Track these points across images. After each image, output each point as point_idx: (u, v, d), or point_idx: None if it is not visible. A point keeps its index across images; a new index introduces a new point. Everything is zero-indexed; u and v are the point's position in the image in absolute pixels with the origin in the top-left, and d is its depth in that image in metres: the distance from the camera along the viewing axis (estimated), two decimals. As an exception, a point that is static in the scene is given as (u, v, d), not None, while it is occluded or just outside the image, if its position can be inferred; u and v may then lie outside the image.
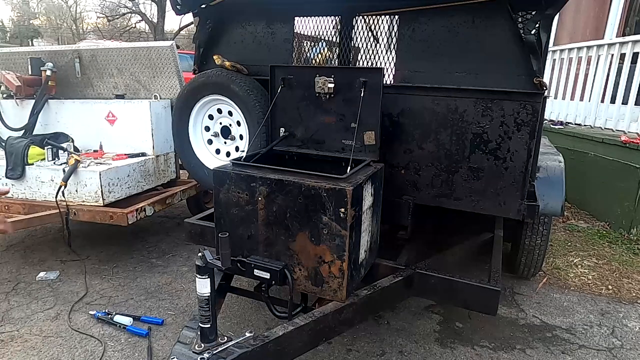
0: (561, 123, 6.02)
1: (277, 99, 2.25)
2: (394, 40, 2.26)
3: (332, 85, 2.09)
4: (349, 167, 1.83)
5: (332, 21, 2.49)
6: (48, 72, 3.70)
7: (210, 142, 2.77)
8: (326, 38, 2.57)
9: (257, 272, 1.80)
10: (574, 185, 4.45)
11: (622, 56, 4.77)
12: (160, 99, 3.73)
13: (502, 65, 2.03)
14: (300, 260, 1.76)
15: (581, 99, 5.62)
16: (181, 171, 3.96)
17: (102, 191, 3.08)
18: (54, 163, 3.28)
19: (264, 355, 1.53)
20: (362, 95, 2.02)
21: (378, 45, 2.40)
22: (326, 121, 2.19)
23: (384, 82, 2.15)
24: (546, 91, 2.02)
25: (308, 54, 2.79)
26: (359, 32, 2.42)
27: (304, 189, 1.66)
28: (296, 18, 2.48)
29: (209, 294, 1.46)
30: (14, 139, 3.38)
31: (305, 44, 2.69)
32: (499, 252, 2.42)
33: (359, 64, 2.54)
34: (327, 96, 2.13)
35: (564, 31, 7.03)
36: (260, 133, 2.34)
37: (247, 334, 1.55)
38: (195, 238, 2.49)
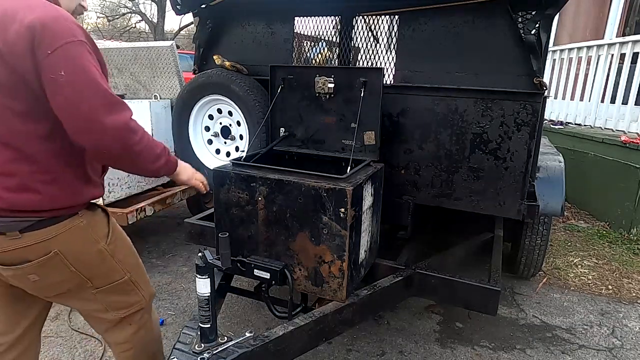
0: (561, 123, 6.02)
1: (277, 99, 2.25)
2: (394, 40, 2.26)
3: (332, 85, 2.09)
4: (349, 167, 1.83)
5: (332, 21, 2.49)
6: (48, 72, 3.69)
7: (210, 142, 2.77)
8: (326, 38, 2.58)
9: (257, 272, 1.80)
10: (574, 185, 4.45)
11: (622, 56, 4.77)
12: (160, 99, 3.72)
13: (502, 65, 2.03)
14: (300, 260, 1.76)
15: (581, 99, 5.62)
16: (181, 171, 3.95)
17: (102, 191, 3.07)
18: (54, 163, 3.27)
19: (264, 355, 1.53)
20: (362, 95, 2.02)
21: (378, 45, 2.40)
22: (326, 121, 2.19)
23: (384, 82, 2.15)
24: (546, 91, 2.02)
25: (308, 54, 2.79)
26: (359, 32, 2.42)
27: (304, 189, 1.66)
28: (296, 18, 2.48)
29: (209, 294, 1.46)
30: (14, 139, 3.37)
31: (305, 44, 2.69)
32: (499, 252, 2.42)
33: (359, 64, 2.54)
34: (327, 96, 2.13)
35: (564, 31, 7.03)
36: (260, 133, 2.34)
37: (247, 334, 1.55)
38: (195, 238, 2.49)
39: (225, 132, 2.70)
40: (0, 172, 1.13)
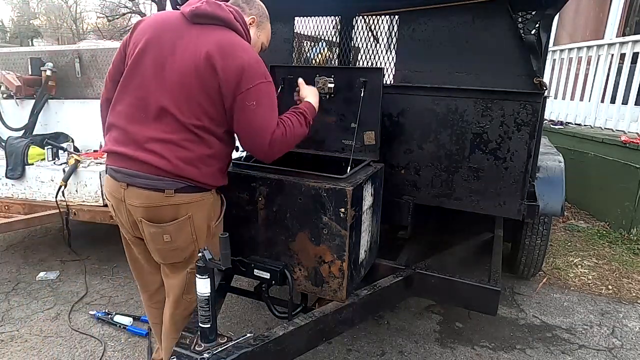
0: (561, 123, 6.02)
1: (277, 98, 2.24)
2: (394, 40, 2.26)
3: (332, 85, 2.09)
4: (349, 167, 1.83)
5: (332, 21, 2.49)
6: (48, 72, 3.70)
7: (210, 142, 2.76)
8: (326, 38, 2.57)
9: (257, 272, 1.80)
10: (574, 185, 4.44)
11: (622, 56, 4.77)
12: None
13: (502, 65, 2.03)
14: (300, 260, 1.76)
15: (581, 99, 5.62)
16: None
17: (102, 191, 3.08)
18: (54, 163, 3.28)
19: (264, 355, 1.53)
20: (362, 95, 2.02)
21: (378, 45, 2.40)
22: (326, 121, 2.19)
23: (384, 82, 2.15)
24: (546, 91, 2.02)
25: (308, 54, 2.79)
26: (359, 32, 2.42)
27: (304, 189, 1.66)
28: (296, 18, 2.48)
29: (209, 294, 1.45)
30: (14, 139, 3.38)
31: (305, 44, 2.69)
32: (499, 252, 2.42)
33: (359, 64, 2.54)
34: (327, 96, 2.13)
35: (564, 31, 7.02)
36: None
37: (247, 334, 1.55)
38: (195, 238, 2.49)
39: (225, 132, 2.69)
40: (179, 145, 1.48)
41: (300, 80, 1.92)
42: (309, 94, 1.86)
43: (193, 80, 1.46)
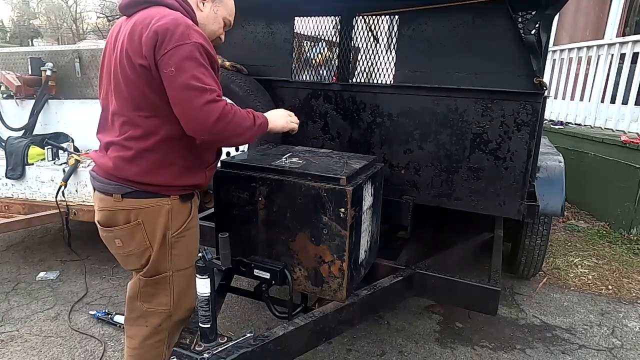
0: (561, 123, 6.02)
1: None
2: (394, 40, 2.26)
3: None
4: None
5: (332, 21, 2.48)
6: (48, 72, 3.70)
7: (210, 142, 2.76)
8: (326, 38, 2.57)
9: (257, 272, 1.80)
10: (574, 185, 4.45)
11: (622, 56, 4.77)
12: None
13: (502, 65, 2.03)
14: (300, 260, 1.76)
15: (581, 99, 5.62)
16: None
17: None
18: (54, 163, 3.28)
19: (264, 355, 1.53)
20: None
21: (378, 45, 2.40)
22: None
23: (385, 82, 2.14)
24: (546, 91, 2.02)
25: (308, 54, 2.78)
26: (359, 32, 2.42)
27: (304, 189, 1.66)
28: (296, 18, 2.48)
29: (209, 294, 1.45)
30: (14, 139, 3.38)
31: (305, 44, 2.68)
32: (499, 252, 2.42)
33: (359, 63, 2.54)
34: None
35: (564, 31, 7.02)
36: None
37: (247, 334, 1.55)
38: (195, 238, 2.49)
39: (225, 132, 2.69)
40: (121, 145, 1.40)
41: None
42: (276, 123, 1.69)
43: (119, 71, 1.37)
